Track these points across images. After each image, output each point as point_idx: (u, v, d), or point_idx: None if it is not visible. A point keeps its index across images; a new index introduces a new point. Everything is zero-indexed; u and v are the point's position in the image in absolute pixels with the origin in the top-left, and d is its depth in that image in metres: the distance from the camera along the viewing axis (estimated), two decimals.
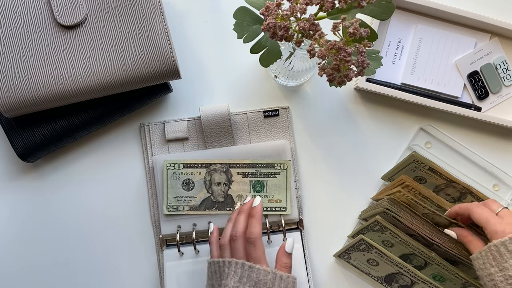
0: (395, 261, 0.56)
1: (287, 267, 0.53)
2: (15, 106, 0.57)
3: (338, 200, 0.65)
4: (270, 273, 0.50)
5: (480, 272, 0.51)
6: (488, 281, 0.49)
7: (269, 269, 0.50)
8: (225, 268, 0.51)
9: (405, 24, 0.66)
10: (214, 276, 0.52)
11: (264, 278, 0.50)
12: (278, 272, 0.51)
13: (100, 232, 0.64)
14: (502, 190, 0.65)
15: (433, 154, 0.65)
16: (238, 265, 0.50)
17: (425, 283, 0.56)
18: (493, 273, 0.49)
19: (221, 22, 0.67)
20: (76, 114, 0.61)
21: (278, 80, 0.65)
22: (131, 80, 0.58)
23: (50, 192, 0.65)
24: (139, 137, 0.66)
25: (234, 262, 0.51)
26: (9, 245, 0.64)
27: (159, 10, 0.58)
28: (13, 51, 0.56)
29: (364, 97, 0.67)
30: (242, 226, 0.53)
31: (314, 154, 0.66)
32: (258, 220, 0.54)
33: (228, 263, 0.51)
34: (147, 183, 0.65)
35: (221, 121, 0.64)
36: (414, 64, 0.65)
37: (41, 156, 0.62)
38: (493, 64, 0.66)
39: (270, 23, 0.46)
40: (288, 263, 0.53)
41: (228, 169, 0.63)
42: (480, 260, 0.50)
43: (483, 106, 0.65)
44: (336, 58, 0.45)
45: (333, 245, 0.64)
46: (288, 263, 0.53)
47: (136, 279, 0.64)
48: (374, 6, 0.48)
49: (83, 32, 0.57)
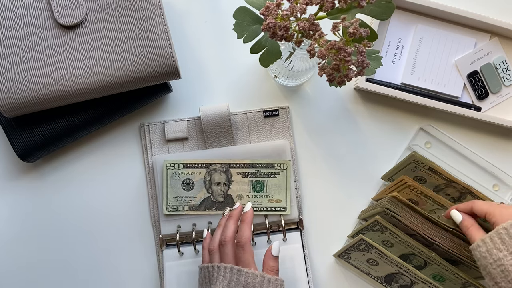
0: (395, 261, 0.56)
1: (274, 270, 0.53)
2: (15, 106, 0.57)
3: (338, 200, 0.65)
4: (258, 276, 0.51)
5: (482, 261, 0.49)
6: (494, 268, 0.47)
7: (257, 272, 0.51)
8: (214, 272, 0.52)
9: (405, 24, 0.66)
10: (204, 281, 0.53)
11: (253, 281, 0.50)
12: (266, 275, 0.51)
13: (100, 232, 0.64)
14: (502, 190, 0.65)
15: (433, 154, 0.65)
16: (227, 269, 0.51)
17: (425, 283, 0.56)
18: (501, 257, 0.47)
19: (221, 22, 0.67)
20: (76, 114, 0.61)
21: (278, 80, 0.65)
22: (131, 80, 0.58)
23: (50, 192, 0.65)
24: (139, 137, 0.66)
25: (223, 266, 0.51)
26: (9, 245, 0.64)
27: (159, 10, 0.58)
28: (13, 51, 0.56)
29: (364, 97, 0.67)
30: (231, 231, 0.54)
31: (314, 154, 0.66)
32: (249, 224, 0.54)
33: (217, 268, 0.52)
34: (147, 183, 0.65)
35: (221, 121, 0.64)
36: (414, 64, 0.65)
37: (41, 156, 0.62)
38: (493, 64, 0.66)
39: (270, 23, 0.46)
40: (275, 266, 0.53)
41: (228, 169, 0.63)
42: (483, 248, 0.49)
43: (483, 106, 0.65)
44: (336, 58, 0.45)
45: (333, 245, 0.64)
46: (275, 266, 0.53)
47: (136, 279, 0.64)
48: (374, 6, 0.48)
49: (83, 32, 0.57)
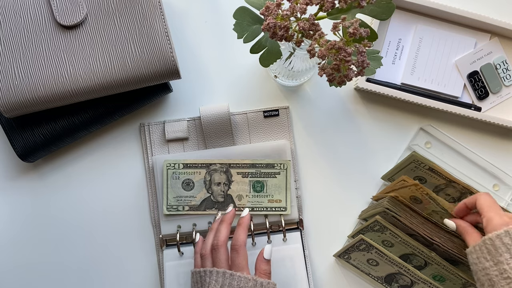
0: (395, 261, 0.56)
1: (267, 273, 0.53)
2: (15, 106, 0.57)
3: (338, 200, 0.65)
4: (250, 280, 0.51)
5: (473, 267, 0.50)
6: (483, 275, 0.48)
7: (250, 276, 0.51)
8: (206, 277, 0.52)
9: (405, 24, 0.66)
10: (196, 286, 0.53)
11: (245, 286, 0.50)
12: (259, 279, 0.51)
13: (100, 232, 0.64)
14: (502, 190, 0.65)
15: (433, 154, 0.65)
16: (219, 274, 0.51)
17: (425, 283, 0.56)
18: (487, 267, 0.48)
19: (221, 22, 0.67)
20: (76, 114, 0.61)
21: (278, 80, 0.65)
22: (131, 80, 0.58)
23: (50, 192, 0.65)
24: (139, 137, 0.66)
25: (215, 271, 0.51)
26: (9, 245, 0.64)
27: (159, 10, 0.58)
28: (13, 51, 0.56)
29: (364, 97, 0.67)
30: (223, 235, 0.54)
31: (314, 154, 0.66)
32: (245, 229, 0.55)
33: (209, 273, 0.52)
34: (147, 183, 0.65)
35: (221, 121, 0.64)
36: (414, 64, 0.65)
37: (41, 156, 0.62)
38: (493, 64, 0.66)
39: (270, 23, 0.46)
40: (267, 270, 0.53)
41: (228, 169, 0.63)
42: (474, 255, 0.50)
43: (483, 106, 0.65)
44: (336, 58, 0.45)
45: (333, 245, 0.64)
46: (267, 269, 0.53)
47: (136, 279, 0.64)
48: (374, 6, 0.48)
49: (83, 32, 0.57)
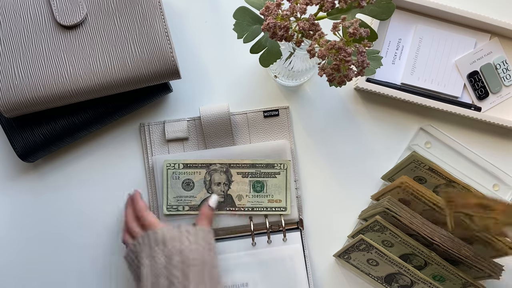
0: (395, 261, 0.56)
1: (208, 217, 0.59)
2: (15, 106, 0.57)
3: (338, 200, 0.65)
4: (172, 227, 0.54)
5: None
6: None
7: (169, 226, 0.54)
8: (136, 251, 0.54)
9: (405, 24, 0.66)
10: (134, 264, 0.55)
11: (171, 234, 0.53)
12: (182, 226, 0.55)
13: (100, 232, 0.64)
14: (502, 190, 0.65)
15: (433, 154, 0.65)
16: (144, 238, 0.54)
17: (425, 283, 0.56)
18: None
19: (221, 22, 0.67)
20: (76, 114, 0.61)
21: (278, 80, 0.65)
22: (131, 80, 0.58)
23: (50, 192, 0.65)
24: (139, 137, 0.66)
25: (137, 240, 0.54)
26: (9, 245, 0.64)
27: (159, 10, 0.58)
28: (13, 51, 0.56)
29: (364, 97, 0.67)
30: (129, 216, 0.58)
31: (314, 154, 0.66)
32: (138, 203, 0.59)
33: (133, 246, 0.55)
34: (147, 183, 0.65)
35: (221, 121, 0.64)
36: (414, 64, 0.65)
37: (41, 156, 0.62)
38: (493, 64, 0.66)
39: (270, 23, 0.46)
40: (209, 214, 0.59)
41: (228, 169, 0.63)
42: None
43: (483, 106, 0.65)
44: (336, 58, 0.45)
45: (333, 245, 0.64)
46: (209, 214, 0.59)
47: None
48: (374, 6, 0.48)
49: (83, 32, 0.57)
